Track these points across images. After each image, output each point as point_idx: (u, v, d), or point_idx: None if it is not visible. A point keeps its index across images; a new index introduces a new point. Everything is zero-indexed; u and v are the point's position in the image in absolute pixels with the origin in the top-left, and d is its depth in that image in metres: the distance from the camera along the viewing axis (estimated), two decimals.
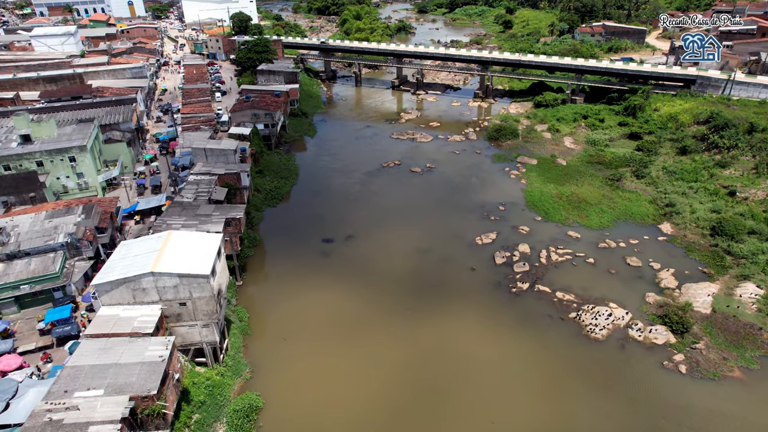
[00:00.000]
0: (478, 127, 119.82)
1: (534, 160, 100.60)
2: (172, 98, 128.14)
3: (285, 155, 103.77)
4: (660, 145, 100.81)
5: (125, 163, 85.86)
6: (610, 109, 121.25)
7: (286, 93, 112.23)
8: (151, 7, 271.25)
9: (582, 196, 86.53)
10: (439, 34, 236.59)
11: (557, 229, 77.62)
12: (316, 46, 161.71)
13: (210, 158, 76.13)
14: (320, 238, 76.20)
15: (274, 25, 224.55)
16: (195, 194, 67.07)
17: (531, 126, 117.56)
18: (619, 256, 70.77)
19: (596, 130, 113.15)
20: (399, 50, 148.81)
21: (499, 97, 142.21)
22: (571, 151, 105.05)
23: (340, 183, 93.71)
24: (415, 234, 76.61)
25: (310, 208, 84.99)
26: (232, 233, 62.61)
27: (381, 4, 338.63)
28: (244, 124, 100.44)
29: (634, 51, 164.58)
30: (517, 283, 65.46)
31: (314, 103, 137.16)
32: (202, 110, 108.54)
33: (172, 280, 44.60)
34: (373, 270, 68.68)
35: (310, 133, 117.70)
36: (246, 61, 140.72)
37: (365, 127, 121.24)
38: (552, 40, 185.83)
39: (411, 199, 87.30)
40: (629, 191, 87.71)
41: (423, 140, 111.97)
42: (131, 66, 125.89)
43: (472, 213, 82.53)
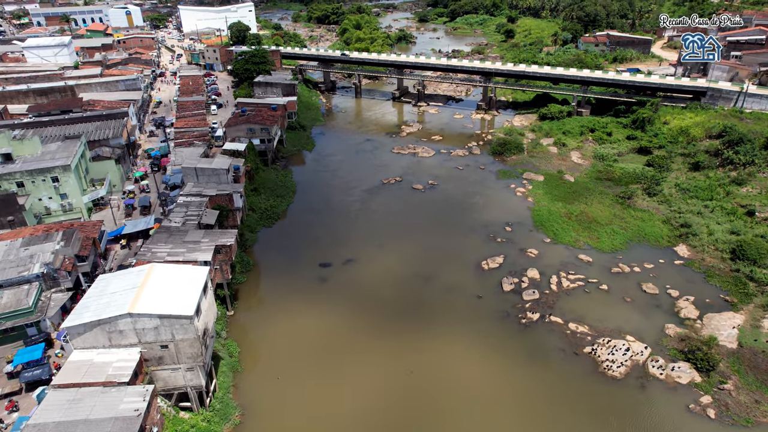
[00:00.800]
0: (482, 141, 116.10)
1: (540, 177, 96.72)
2: (167, 111, 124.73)
3: (282, 171, 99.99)
4: (671, 161, 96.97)
5: (113, 181, 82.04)
6: (617, 122, 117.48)
7: (283, 106, 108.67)
8: (149, 17, 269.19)
9: (592, 216, 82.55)
10: (440, 43, 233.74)
11: (567, 252, 73.57)
12: (317, 56, 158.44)
13: (201, 178, 72.29)
14: (317, 262, 72.14)
15: (273, 35, 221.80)
16: (184, 218, 63.12)
17: (536, 140, 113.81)
18: (634, 282, 66.65)
19: (604, 144, 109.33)
20: (400, 61, 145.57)
21: (503, 109, 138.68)
22: (578, 167, 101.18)
23: (339, 201, 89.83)
24: (418, 258, 72.57)
25: (308, 229, 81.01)
26: (223, 261, 58.60)
27: (381, 13, 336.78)
28: (239, 140, 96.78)
29: (639, 61, 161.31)
30: (526, 313, 61.31)
31: (313, 115, 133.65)
32: (196, 124, 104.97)
33: (152, 321, 40.54)
34: (373, 299, 64.55)
35: (308, 147, 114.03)
36: (243, 72, 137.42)
37: (365, 141, 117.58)
38: (555, 50, 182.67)
39: (413, 218, 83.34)
40: (641, 210, 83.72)
41: (425, 155, 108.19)
42: (124, 78, 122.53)
43: (478, 234, 78.51)
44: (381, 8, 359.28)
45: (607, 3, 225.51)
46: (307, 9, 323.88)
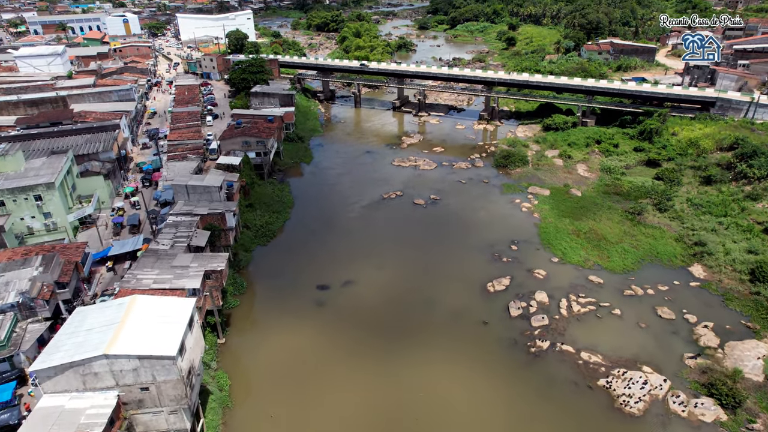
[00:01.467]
0: (485, 153, 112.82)
1: (546, 191, 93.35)
2: (162, 121, 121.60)
3: (278, 185, 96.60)
4: (681, 174, 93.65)
5: (102, 197, 78.67)
6: (623, 132, 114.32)
7: (280, 118, 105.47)
8: (147, 25, 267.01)
9: (601, 233, 79.08)
10: (440, 51, 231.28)
11: (577, 273, 70.04)
12: (315, 65, 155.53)
13: (192, 196, 68.90)
14: (315, 284, 68.57)
15: (271, 43, 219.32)
16: (173, 239, 59.64)
17: (541, 152, 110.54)
18: (648, 305, 63.08)
19: (611, 156, 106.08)
20: (400, 70, 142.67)
21: (506, 119, 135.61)
22: (585, 180, 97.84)
23: (337, 217, 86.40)
24: (421, 279, 69.02)
25: (305, 248, 77.51)
26: (213, 287, 55.09)
27: (381, 21, 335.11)
28: (234, 153, 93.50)
29: (644, 70, 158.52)
30: (536, 341, 57.70)
31: (311, 125, 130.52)
32: (190, 136, 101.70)
33: (131, 362, 37.01)
34: (374, 326, 60.94)
35: (306, 159, 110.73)
36: (240, 82, 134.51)
37: (364, 153, 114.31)
38: (558, 58, 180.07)
39: (415, 236, 79.86)
40: (652, 227, 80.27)
41: (426, 167, 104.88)
42: (118, 88, 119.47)
43: (482, 253, 75.00)
44: (381, 15, 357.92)
45: (609, 10, 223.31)
46: (307, 17, 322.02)
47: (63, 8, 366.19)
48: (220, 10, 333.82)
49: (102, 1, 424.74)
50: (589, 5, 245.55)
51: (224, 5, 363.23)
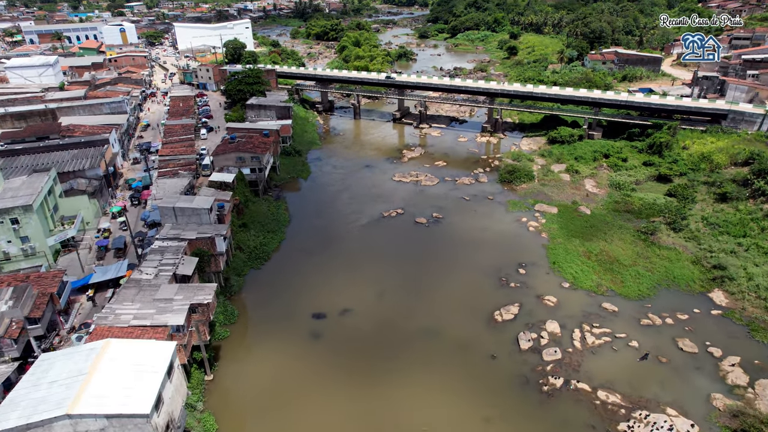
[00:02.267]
0: (489, 167, 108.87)
1: (554, 209, 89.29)
2: (155, 134, 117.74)
3: (274, 202, 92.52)
4: (694, 190, 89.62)
5: (87, 218, 74.59)
6: (632, 146, 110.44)
7: (276, 131, 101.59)
8: (144, 34, 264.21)
9: (613, 255, 74.93)
10: (441, 60, 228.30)
11: (589, 300, 65.80)
12: (314, 76, 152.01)
13: (180, 218, 64.80)
14: (311, 312, 64.32)
15: (270, 52, 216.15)
16: (157, 267, 55.47)
17: (547, 166, 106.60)
18: (668, 337, 58.82)
19: (619, 171, 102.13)
20: (401, 81, 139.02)
21: (509, 131, 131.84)
22: (594, 197, 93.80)
23: (335, 237, 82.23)
24: (423, 308, 64.75)
25: (301, 271, 73.27)
26: (200, 321, 50.84)
27: (381, 29, 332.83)
28: (227, 169, 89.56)
29: (650, 80, 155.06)
30: (548, 378, 53.36)
31: (309, 138, 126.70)
32: (183, 151, 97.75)
33: (97, 422, 32.75)
34: (372, 360, 56.63)
35: (304, 174, 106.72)
36: (236, 93, 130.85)
37: (364, 167, 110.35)
38: (561, 68, 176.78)
39: (416, 259, 75.66)
40: (667, 248, 76.11)
41: (428, 183, 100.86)
42: (109, 100, 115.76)
43: (488, 277, 70.79)
44: (381, 24, 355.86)
45: (612, 19, 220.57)
46: (306, 25, 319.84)
47: (61, 17, 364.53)
48: (219, 18, 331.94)
49: (101, 10, 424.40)
50: (591, 14, 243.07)
51: (223, 14, 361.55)
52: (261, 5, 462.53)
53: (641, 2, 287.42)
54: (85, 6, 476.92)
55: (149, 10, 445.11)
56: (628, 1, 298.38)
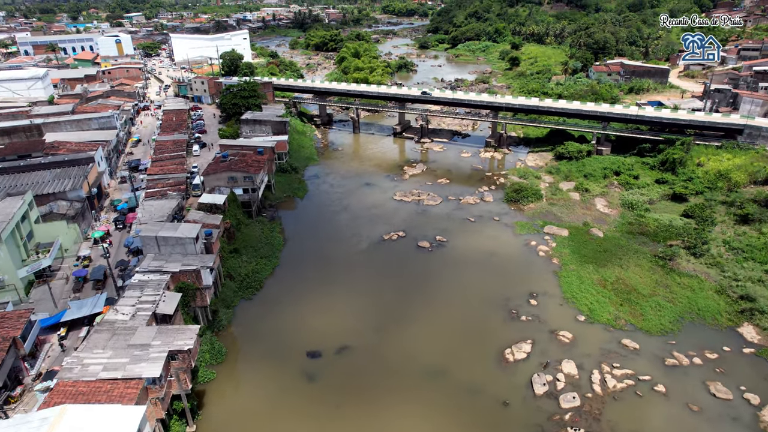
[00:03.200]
0: (494, 185, 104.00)
1: (564, 231, 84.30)
2: (146, 150, 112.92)
3: (268, 224, 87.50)
4: (713, 211, 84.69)
5: (66, 244, 69.55)
6: (643, 162, 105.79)
7: (271, 149, 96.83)
8: (141, 45, 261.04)
9: (631, 283, 69.81)
10: (442, 71, 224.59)
11: (608, 335, 60.60)
12: (312, 88, 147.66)
13: (163, 248, 59.76)
14: (305, 350, 59.07)
15: (268, 63, 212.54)
16: (135, 306, 50.32)
17: (555, 184, 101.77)
18: (697, 380, 53.55)
19: (631, 189, 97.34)
20: (402, 94, 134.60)
21: (514, 146, 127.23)
22: (606, 218, 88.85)
23: (332, 263, 77.13)
24: (426, 344, 59.50)
25: (295, 302, 68.11)
26: (180, 368, 45.62)
27: (381, 40, 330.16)
28: (219, 190, 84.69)
29: (657, 92, 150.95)
30: (567, 429, 48.01)
31: (306, 153, 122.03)
32: (173, 169, 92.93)
33: None
34: (373, 405, 51.35)
35: (300, 193, 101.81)
36: (231, 107, 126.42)
37: (363, 185, 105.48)
38: (565, 80, 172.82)
39: (419, 288, 70.51)
40: (687, 275, 71.01)
41: (430, 203, 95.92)
42: (98, 115, 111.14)
43: (497, 309, 65.62)
44: (381, 35, 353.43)
45: (616, 30, 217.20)
46: (305, 36, 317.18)
47: (59, 28, 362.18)
48: (217, 29, 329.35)
49: (99, 21, 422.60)
50: (593, 24, 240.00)
51: (222, 24, 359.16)
52: (260, 15, 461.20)
53: (643, 12, 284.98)
54: (85, 17, 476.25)
55: (148, 21, 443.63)
56: (630, 11, 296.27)
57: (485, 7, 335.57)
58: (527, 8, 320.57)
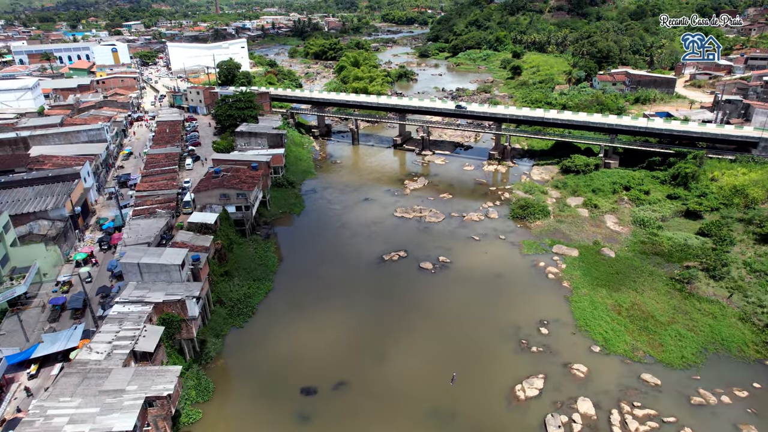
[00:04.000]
0: (499, 200, 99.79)
1: (574, 251, 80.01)
2: (138, 164, 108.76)
3: (262, 243, 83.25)
4: (730, 229, 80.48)
5: (45, 268, 65.17)
6: (653, 176, 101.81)
7: (266, 163, 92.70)
8: (138, 54, 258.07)
9: (647, 309, 65.43)
10: (442, 80, 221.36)
11: (625, 369, 56.16)
12: (310, 99, 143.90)
13: (147, 275, 55.45)
14: (299, 386, 54.55)
15: (266, 72, 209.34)
16: (112, 343, 45.92)
17: (562, 199, 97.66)
18: (727, 422, 49.05)
19: (642, 205, 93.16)
20: (402, 105, 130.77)
21: (518, 158, 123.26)
22: (617, 236, 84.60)
23: (329, 286, 72.72)
24: (431, 380, 54.98)
25: (289, 330, 63.69)
26: (158, 416, 41.15)
27: (380, 48, 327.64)
28: (210, 207, 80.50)
29: (664, 102, 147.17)
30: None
31: (304, 167, 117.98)
32: (163, 185, 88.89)
33: None
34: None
35: (296, 209, 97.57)
36: (226, 118, 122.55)
37: (363, 200, 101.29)
38: (569, 89, 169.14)
39: (422, 314, 66.09)
40: (707, 300, 66.68)
41: (433, 220, 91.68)
42: (88, 127, 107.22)
43: (506, 339, 61.17)
44: (380, 43, 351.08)
45: (619, 38, 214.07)
46: (304, 44, 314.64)
47: (57, 36, 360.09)
48: (216, 38, 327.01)
49: (98, 30, 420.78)
50: (595, 33, 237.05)
51: (220, 33, 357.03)
52: (259, 24, 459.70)
53: (645, 21, 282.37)
54: (84, 25, 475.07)
55: (147, 29, 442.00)
56: (631, 20, 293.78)
57: (486, 16, 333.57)
58: (528, 16, 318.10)
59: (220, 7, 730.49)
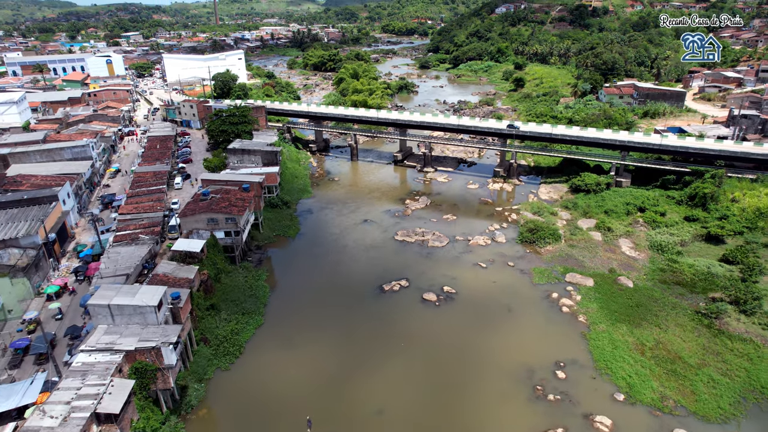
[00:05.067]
0: (505, 222, 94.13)
1: (589, 280, 74.16)
2: (125, 182, 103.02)
3: (253, 271, 77.42)
4: (756, 255, 74.71)
5: (10, 304, 59.33)
6: (668, 196, 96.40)
7: (258, 184, 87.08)
8: (133, 65, 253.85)
9: (673, 349, 59.50)
10: (444, 92, 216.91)
11: (655, 422, 50.07)
12: (307, 113, 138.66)
13: (118, 318, 49.56)
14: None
15: (264, 84, 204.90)
16: (70, 403, 39.91)
17: (573, 222, 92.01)
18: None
19: (659, 228, 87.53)
20: (403, 120, 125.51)
21: (524, 175, 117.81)
22: (633, 263, 78.83)
23: (324, 321, 66.74)
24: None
25: (278, 374, 57.66)
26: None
27: (381, 59, 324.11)
28: (197, 233, 74.77)
29: (674, 116, 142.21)
30: None
31: (300, 185, 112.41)
32: (149, 207, 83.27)
33: None
34: None
35: (291, 231, 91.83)
36: (219, 134, 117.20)
37: (361, 222, 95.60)
38: (574, 102, 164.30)
39: (425, 355, 60.06)
40: (740, 339, 60.75)
41: (436, 244, 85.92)
42: (72, 144, 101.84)
43: (519, 384, 55.14)
44: (380, 54, 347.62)
45: (624, 50, 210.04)
46: (303, 55, 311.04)
47: (54, 47, 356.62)
48: (214, 48, 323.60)
49: (97, 40, 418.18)
50: (598, 44, 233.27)
51: (219, 44, 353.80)
52: (258, 35, 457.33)
53: (648, 32, 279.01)
54: (83, 36, 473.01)
55: (146, 40, 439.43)
56: (634, 31, 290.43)
57: (487, 27, 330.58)
58: (530, 27, 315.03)
59: (220, 17, 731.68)
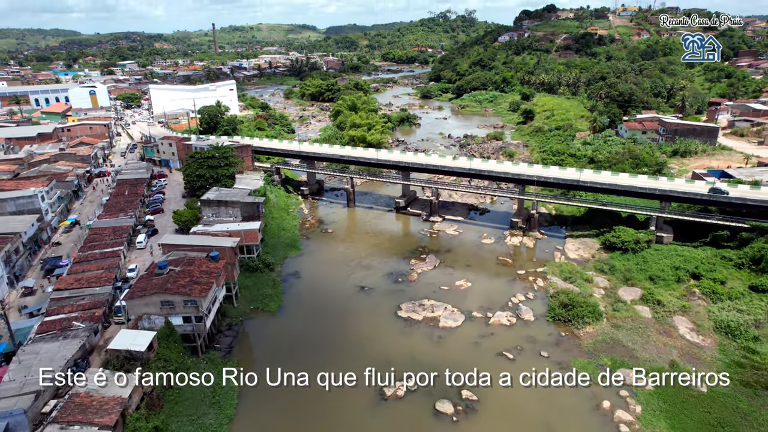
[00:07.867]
0: (531, 291, 78.25)
1: (648, 380, 57.63)
2: (78, 240, 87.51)
3: (220, 363, 61.10)
4: None
5: None
6: (722, 257, 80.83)
7: (232, 249, 71.43)
8: (122, 96, 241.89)
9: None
10: (448, 125, 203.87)
11: None
12: (298, 153, 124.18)
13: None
14: None
15: (256, 117, 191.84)
16: None
17: (613, 292, 76.20)
18: None
19: (721, 300, 71.61)
20: (406, 162, 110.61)
21: (545, 226, 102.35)
22: (698, 352, 62.66)
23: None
24: None
25: None
26: None
27: (381, 88, 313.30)
28: (148, 319, 58.91)
29: (707, 155, 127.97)
30: None
31: (287, 239, 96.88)
32: (95, 278, 67.94)
33: None
34: None
35: (272, 304, 75.79)
36: (195, 179, 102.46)
37: (357, 291, 79.72)
38: (592, 138, 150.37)
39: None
40: None
41: (449, 323, 69.84)
42: (16, 195, 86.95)
43: None
44: (380, 83, 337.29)
45: (639, 80, 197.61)
46: (300, 85, 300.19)
47: (45, 76, 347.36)
48: (209, 77, 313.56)
49: (91, 69, 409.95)
50: (609, 73, 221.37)
51: (214, 72, 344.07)
52: (257, 63, 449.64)
53: (658, 60, 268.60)
54: (81, 64, 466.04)
55: (142, 68, 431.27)
56: (643, 60, 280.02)
57: (490, 55, 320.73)
58: (535, 56, 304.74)
59: (221, 45, 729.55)
